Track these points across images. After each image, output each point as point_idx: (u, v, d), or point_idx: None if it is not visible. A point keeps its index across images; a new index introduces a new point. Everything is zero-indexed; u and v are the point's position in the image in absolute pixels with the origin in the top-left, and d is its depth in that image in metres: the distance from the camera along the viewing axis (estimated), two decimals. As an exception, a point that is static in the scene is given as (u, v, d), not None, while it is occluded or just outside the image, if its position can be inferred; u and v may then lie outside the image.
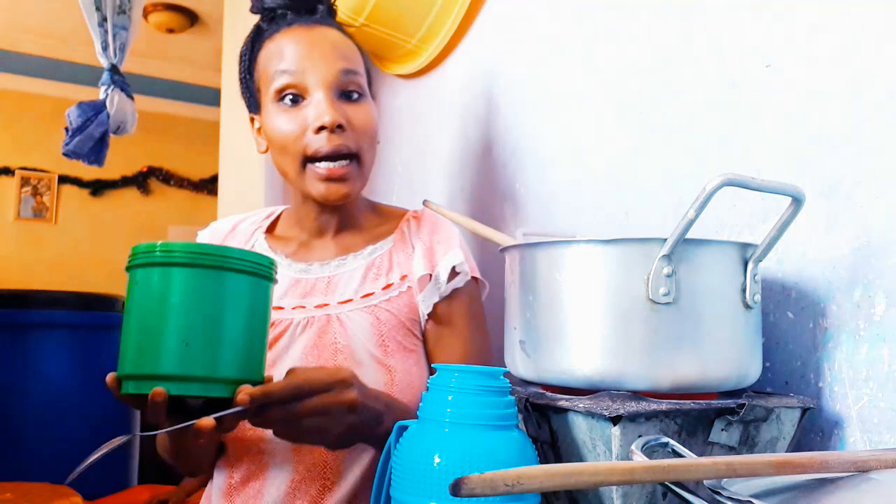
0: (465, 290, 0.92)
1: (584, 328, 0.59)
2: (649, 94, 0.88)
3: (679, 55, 0.83)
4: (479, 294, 0.96)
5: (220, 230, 1.02)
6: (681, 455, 0.49)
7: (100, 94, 1.96)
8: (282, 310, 0.89)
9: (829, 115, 0.66)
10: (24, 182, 4.11)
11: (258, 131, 0.97)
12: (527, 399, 0.61)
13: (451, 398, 0.56)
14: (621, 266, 0.58)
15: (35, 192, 4.14)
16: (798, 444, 0.63)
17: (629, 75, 0.91)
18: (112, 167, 3.09)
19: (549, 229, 1.01)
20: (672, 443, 0.50)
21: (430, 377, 0.59)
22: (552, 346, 0.61)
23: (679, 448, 0.49)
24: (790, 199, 0.56)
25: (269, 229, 1.02)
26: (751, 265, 0.60)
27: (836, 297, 0.65)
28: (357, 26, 1.24)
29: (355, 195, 0.92)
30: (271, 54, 0.90)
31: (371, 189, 1.49)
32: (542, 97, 1.07)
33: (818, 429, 0.66)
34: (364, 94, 0.91)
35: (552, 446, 0.61)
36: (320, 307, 0.89)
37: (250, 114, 0.98)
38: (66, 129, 1.90)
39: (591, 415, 0.55)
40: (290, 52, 0.88)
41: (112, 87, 1.96)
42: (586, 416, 0.55)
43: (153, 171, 4.43)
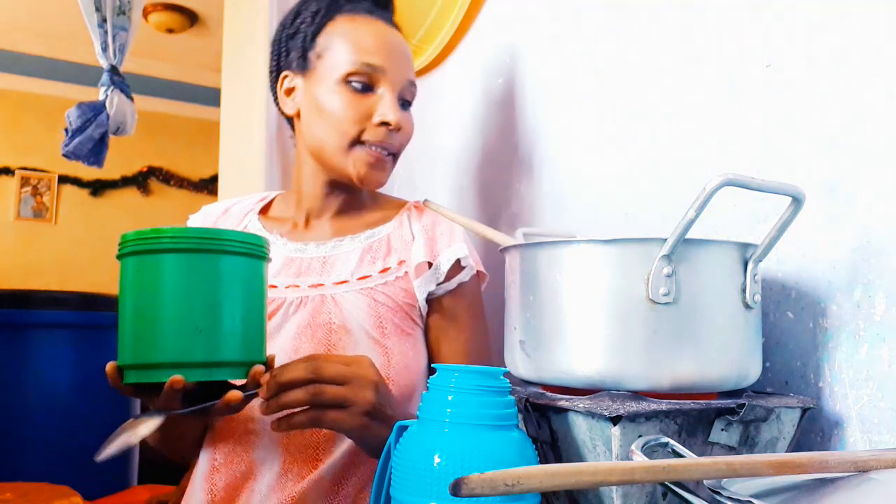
0: (469, 284, 0.94)
1: (584, 328, 0.59)
2: (649, 93, 0.88)
3: (679, 55, 0.83)
4: (480, 288, 0.98)
5: (212, 213, 1.03)
6: (681, 455, 0.49)
7: (99, 94, 1.96)
8: (275, 288, 0.90)
9: (829, 115, 0.66)
10: (24, 182, 4.11)
11: (289, 91, 0.96)
12: (527, 399, 0.61)
13: (451, 398, 0.56)
14: (621, 266, 0.58)
15: (35, 192, 4.14)
16: (798, 444, 0.63)
17: (629, 75, 0.91)
18: (112, 167, 3.09)
19: (549, 229, 1.01)
20: (672, 443, 0.50)
21: (430, 377, 0.59)
22: (552, 346, 0.61)
23: (679, 448, 0.49)
24: (790, 199, 0.56)
25: (263, 211, 1.03)
26: (751, 265, 0.60)
27: (836, 297, 0.65)
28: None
29: (382, 186, 0.95)
30: (352, 35, 0.91)
31: (371, 189, 1.48)
32: (543, 97, 1.07)
33: (818, 429, 0.66)
34: (412, 104, 0.97)
35: (552, 446, 0.61)
36: (315, 287, 0.90)
37: (284, 71, 0.96)
38: (66, 130, 1.91)
39: (591, 415, 0.55)
40: (375, 45, 0.91)
41: (112, 87, 1.96)
42: (586, 416, 0.55)
43: (153, 171, 4.43)
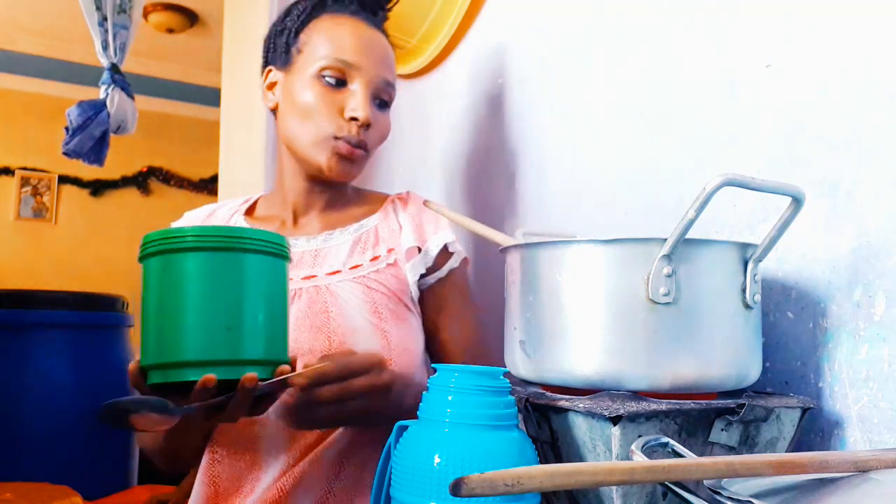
0: (458, 269, 0.98)
1: (584, 328, 0.59)
2: (649, 93, 0.88)
3: (679, 55, 0.83)
4: (467, 271, 1.02)
5: (196, 218, 1.03)
6: (681, 455, 0.49)
7: (100, 93, 1.96)
8: None
9: (829, 115, 0.66)
10: (24, 182, 4.11)
11: (271, 86, 0.99)
12: (527, 399, 0.61)
13: (451, 398, 0.56)
14: (621, 266, 0.58)
15: (35, 192, 4.14)
16: (798, 444, 0.63)
17: (629, 75, 0.91)
18: (112, 167, 3.09)
19: (549, 229, 1.01)
20: (672, 443, 0.50)
21: (430, 377, 0.59)
22: (552, 346, 0.61)
23: (679, 448, 0.49)
24: (790, 199, 0.56)
25: (248, 213, 1.04)
26: (751, 265, 0.60)
27: (836, 297, 0.65)
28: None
29: (353, 179, 0.97)
30: (331, 32, 0.93)
31: (371, 188, 1.48)
32: (543, 97, 1.07)
33: (818, 429, 0.66)
34: (390, 105, 0.98)
35: (552, 446, 0.61)
36: (308, 279, 0.91)
37: (269, 66, 0.99)
38: (67, 128, 1.90)
39: (591, 415, 0.55)
40: (350, 43, 0.92)
41: (112, 86, 1.96)
42: (586, 416, 0.55)
43: (153, 171, 4.43)
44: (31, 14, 3.54)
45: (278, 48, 0.98)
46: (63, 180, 4.19)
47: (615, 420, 0.52)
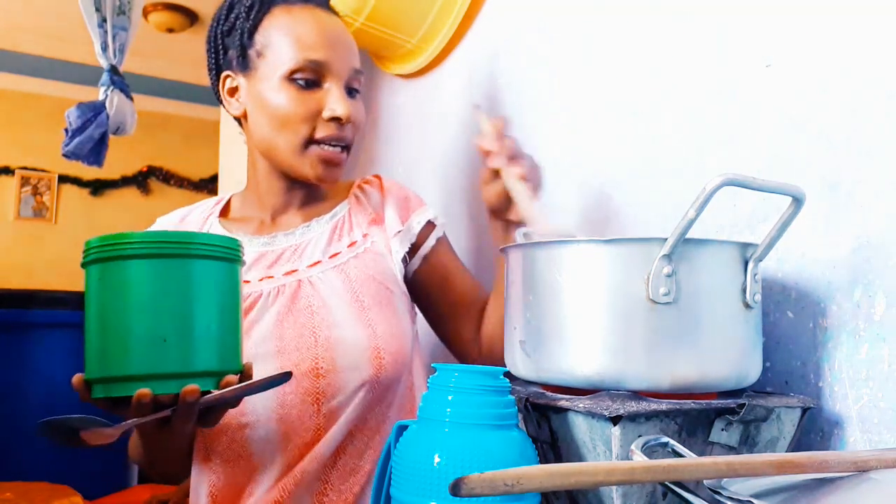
0: (444, 239, 1.01)
1: (584, 328, 0.59)
2: (649, 93, 0.88)
3: (679, 55, 0.83)
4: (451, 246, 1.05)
5: (169, 223, 1.00)
6: (681, 455, 0.49)
7: (99, 94, 1.96)
8: (248, 283, 0.89)
9: (829, 115, 0.66)
10: (24, 182, 4.11)
11: (232, 91, 0.94)
12: (527, 399, 0.61)
13: (451, 398, 0.56)
14: (621, 266, 0.58)
15: (35, 192, 4.14)
16: (798, 444, 0.63)
17: (629, 75, 0.91)
18: (112, 167, 3.09)
19: (549, 229, 1.01)
20: (672, 443, 0.50)
21: (430, 377, 0.59)
22: (552, 346, 0.61)
23: (679, 448, 0.49)
24: (790, 199, 0.56)
25: (223, 214, 1.02)
26: (751, 265, 0.60)
27: (836, 297, 0.65)
28: (357, 26, 1.24)
29: (339, 180, 0.97)
30: (290, 29, 0.89)
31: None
32: (542, 97, 1.07)
33: (818, 429, 0.66)
34: (361, 91, 0.96)
35: (552, 446, 0.61)
36: (289, 274, 0.90)
37: (225, 71, 0.94)
38: (66, 129, 1.90)
39: (591, 415, 0.55)
40: (316, 38, 0.89)
41: (111, 87, 1.96)
42: (586, 416, 0.55)
43: (153, 171, 4.43)
44: (31, 14, 3.54)
45: (231, 50, 0.92)
46: (63, 180, 4.19)
47: (615, 420, 0.52)
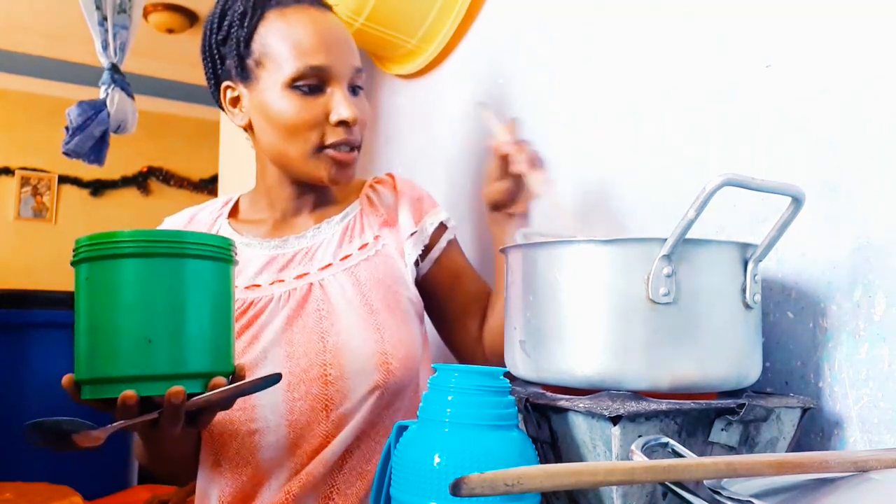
0: (455, 241, 1.01)
1: (584, 328, 0.59)
2: (649, 94, 0.88)
3: (679, 55, 0.83)
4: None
5: (177, 223, 1.01)
6: (681, 455, 0.49)
7: (100, 93, 1.95)
8: (259, 287, 0.89)
9: (829, 115, 0.66)
10: (24, 182, 4.11)
11: (234, 102, 0.93)
12: (527, 399, 0.61)
13: (451, 398, 0.56)
14: (621, 266, 0.58)
15: (35, 192, 4.14)
16: (798, 444, 0.63)
17: (629, 75, 0.91)
18: (112, 167, 3.09)
19: (549, 229, 1.01)
20: (672, 443, 0.50)
21: (430, 377, 0.59)
22: (552, 346, 0.61)
23: (679, 448, 0.49)
24: (790, 199, 0.56)
25: (232, 215, 1.01)
26: (751, 265, 0.60)
27: (836, 297, 0.65)
28: (357, 27, 1.24)
29: (352, 181, 0.96)
30: (287, 34, 0.87)
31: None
32: (542, 97, 1.07)
33: (818, 429, 0.66)
34: (364, 87, 0.95)
35: (552, 446, 0.61)
36: (300, 277, 0.90)
37: (225, 81, 0.92)
38: (67, 128, 1.90)
39: (591, 415, 0.55)
40: (313, 43, 0.87)
41: (112, 86, 1.96)
42: (586, 416, 0.55)
43: (153, 171, 4.43)
44: (31, 14, 3.54)
45: (228, 60, 0.91)
46: (63, 180, 4.20)
47: (615, 420, 0.52)
